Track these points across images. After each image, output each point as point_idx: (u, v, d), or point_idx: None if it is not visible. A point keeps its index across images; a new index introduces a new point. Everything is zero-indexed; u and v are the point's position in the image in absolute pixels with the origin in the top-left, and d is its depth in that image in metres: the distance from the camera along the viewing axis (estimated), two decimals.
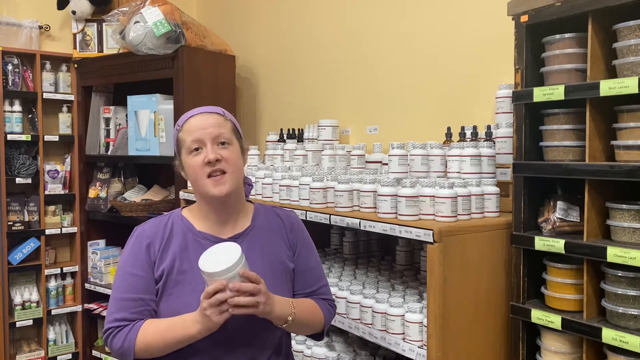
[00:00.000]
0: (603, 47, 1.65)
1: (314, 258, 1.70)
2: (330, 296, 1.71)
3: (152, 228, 1.58)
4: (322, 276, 1.71)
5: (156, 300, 1.52)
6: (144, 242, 1.54)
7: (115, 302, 1.51)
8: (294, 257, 1.65)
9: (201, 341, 1.45)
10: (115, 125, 3.76)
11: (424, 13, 2.71)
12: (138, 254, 1.54)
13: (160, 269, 1.52)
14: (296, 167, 2.57)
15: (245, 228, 1.60)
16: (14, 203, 3.71)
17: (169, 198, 3.53)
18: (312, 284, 1.66)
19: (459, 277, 1.78)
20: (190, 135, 1.52)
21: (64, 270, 3.87)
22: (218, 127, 1.53)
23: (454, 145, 2.07)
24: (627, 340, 1.52)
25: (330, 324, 1.73)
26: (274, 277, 1.56)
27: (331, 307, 1.70)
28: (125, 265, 1.54)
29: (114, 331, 1.49)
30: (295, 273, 1.64)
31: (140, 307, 1.50)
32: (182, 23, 3.28)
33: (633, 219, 1.61)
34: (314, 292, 1.66)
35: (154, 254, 1.53)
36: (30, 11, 3.79)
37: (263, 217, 1.65)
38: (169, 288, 1.51)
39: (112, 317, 1.50)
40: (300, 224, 1.71)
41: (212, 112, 1.57)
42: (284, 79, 3.57)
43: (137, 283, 1.51)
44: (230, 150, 1.53)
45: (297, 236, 1.67)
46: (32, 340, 3.87)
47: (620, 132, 1.64)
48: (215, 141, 1.51)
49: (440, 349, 1.74)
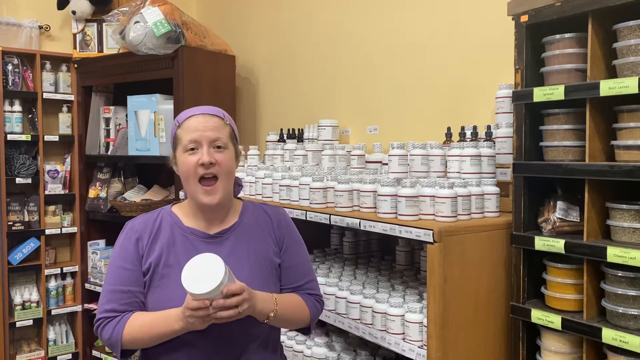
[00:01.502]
0: (603, 47, 1.65)
1: (301, 254, 1.72)
2: (317, 291, 1.73)
3: (141, 223, 1.63)
4: (310, 272, 1.73)
5: (144, 293, 1.57)
6: (133, 237, 1.59)
7: (106, 294, 1.57)
8: (280, 252, 1.68)
9: (188, 334, 1.49)
10: (115, 125, 3.76)
11: (424, 13, 2.71)
12: (127, 248, 1.59)
13: (148, 263, 1.57)
14: (296, 167, 2.57)
15: (232, 224, 1.64)
16: (14, 203, 3.72)
17: (169, 198, 3.53)
18: (298, 279, 1.69)
19: (459, 277, 1.78)
20: (188, 134, 1.55)
21: (64, 270, 3.88)
22: (216, 131, 1.56)
23: (454, 145, 2.07)
24: (627, 340, 1.52)
25: (318, 318, 1.75)
26: (260, 272, 1.60)
27: (318, 302, 1.72)
28: (116, 259, 1.60)
29: (103, 322, 1.55)
30: (282, 268, 1.67)
31: (129, 299, 1.55)
32: (182, 23, 3.28)
33: (633, 219, 1.61)
34: (300, 287, 1.69)
35: (142, 248, 1.58)
36: (30, 11, 3.79)
37: (251, 213, 1.69)
38: (155, 281, 1.56)
39: (102, 308, 1.56)
40: (287, 220, 1.74)
41: (213, 115, 1.59)
42: (284, 79, 3.57)
43: (126, 276, 1.56)
44: (225, 154, 1.57)
45: (283, 232, 1.70)
46: (32, 340, 3.87)
47: (620, 132, 1.64)
48: (212, 144, 1.55)
49: (440, 349, 1.74)
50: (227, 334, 1.53)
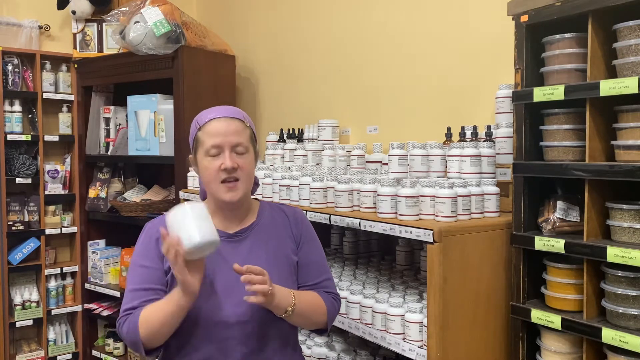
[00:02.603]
0: (603, 47, 1.65)
1: (317, 252, 1.73)
2: (334, 290, 1.73)
3: (161, 223, 1.62)
4: (326, 270, 1.74)
5: (166, 291, 1.55)
6: (154, 236, 1.60)
7: (128, 294, 1.57)
8: (297, 249, 1.68)
9: (212, 327, 1.50)
10: (115, 125, 3.76)
11: (424, 13, 2.71)
12: (148, 247, 1.60)
13: (168, 262, 1.55)
14: (296, 167, 2.57)
15: (250, 223, 1.65)
16: (14, 203, 3.71)
17: (169, 198, 3.53)
18: (315, 276, 1.69)
19: (459, 277, 1.78)
20: (210, 139, 1.56)
21: (64, 270, 3.88)
22: (238, 136, 1.57)
23: (454, 145, 2.07)
24: (627, 340, 1.52)
25: (335, 318, 1.73)
26: (278, 270, 1.60)
27: (335, 300, 1.72)
28: (136, 258, 1.61)
29: (123, 320, 1.54)
30: (299, 266, 1.68)
31: (150, 297, 1.54)
32: (182, 23, 3.28)
33: (633, 219, 1.61)
34: (317, 285, 1.69)
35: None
36: (30, 11, 3.79)
37: (268, 213, 1.71)
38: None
39: (123, 308, 1.56)
40: (304, 218, 1.76)
41: (234, 118, 1.59)
42: (284, 79, 3.57)
43: (147, 274, 1.57)
44: (245, 158, 1.58)
45: (301, 230, 1.71)
46: (32, 340, 3.87)
47: (620, 132, 1.64)
48: (233, 149, 1.56)
49: (440, 349, 1.74)
50: (246, 333, 1.53)
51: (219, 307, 1.52)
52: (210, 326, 1.52)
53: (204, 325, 1.52)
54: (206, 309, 1.52)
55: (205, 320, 1.52)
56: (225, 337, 1.53)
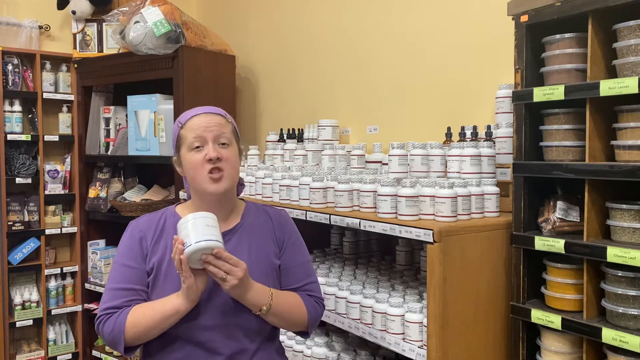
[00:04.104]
0: (603, 47, 1.65)
1: (301, 255, 1.72)
2: (318, 293, 1.72)
3: (145, 223, 1.65)
4: (310, 273, 1.73)
5: (147, 292, 1.57)
6: (137, 236, 1.61)
7: (108, 292, 1.57)
8: (280, 253, 1.68)
9: (194, 327, 1.51)
10: (115, 125, 3.76)
11: (424, 13, 2.71)
12: (131, 247, 1.60)
13: (152, 262, 1.58)
14: (296, 167, 2.57)
15: (234, 225, 1.65)
16: (14, 203, 3.72)
17: (168, 198, 3.53)
18: (298, 280, 1.68)
19: (459, 277, 1.78)
20: (192, 133, 1.57)
21: (64, 270, 3.88)
22: (220, 127, 1.59)
23: (454, 145, 2.07)
24: (627, 340, 1.52)
25: (318, 321, 1.73)
26: (260, 273, 1.59)
27: (317, 304, 1.71)
28: (119, 257, 1.61)
29: (104, 318, 1.55)
30: (282, 269, 1.67)
31: (131, 297, 1.55)
32: (182, 23, 3.28)
33: (633, 219, 1.61)
34: (300, 288, 1.69)
35: (146, 247, 1.60)
36: (30, 11, 3.79)
37: (253, 214, 1.70)
38: (159, 281, 1.57)
39: (103, 306, 1.56)
40: (288, 221, 1.74)
41: (215, 113, 1.62)
42: (284, 79, 3.57)
43: (129, 274, 1.57)
44: (229, 150, 1.59)
45: (284, 233, 1.70)
46: (32, 340, 3.87)
47: (620, 132, 1.64)
48: (216, 140, 1.57)
49: (440, 349, 1.74)
50: (227, 334, 1.54)
51: (200, 311, 1.52)
52: (191, 328, 1.52)
53: (186, 327, 1.52)
54: (188, 312, 1.51)
55: (186, 323, 1.52)
56: (205, 340, 1.53)
